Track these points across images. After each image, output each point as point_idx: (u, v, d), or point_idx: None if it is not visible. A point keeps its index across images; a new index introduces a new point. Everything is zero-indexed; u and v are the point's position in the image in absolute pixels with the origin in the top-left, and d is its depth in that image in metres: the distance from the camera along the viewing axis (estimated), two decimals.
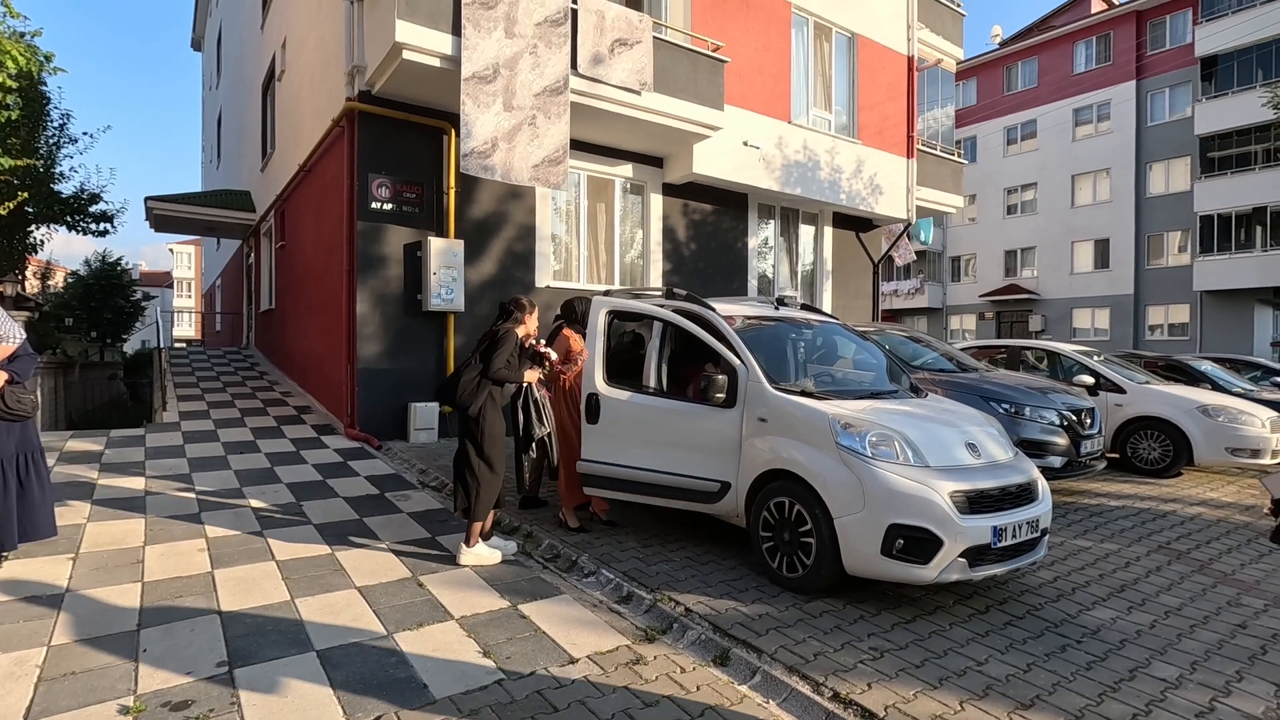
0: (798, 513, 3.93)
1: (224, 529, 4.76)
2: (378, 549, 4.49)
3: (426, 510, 5.39)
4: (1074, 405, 6.37)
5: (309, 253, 10.08)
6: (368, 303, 7.75)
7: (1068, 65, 29.09)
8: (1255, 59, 23.51)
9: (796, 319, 5.29)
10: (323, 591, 3.76)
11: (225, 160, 19.39)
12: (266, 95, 13.37)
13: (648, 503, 4.75)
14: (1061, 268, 29.26)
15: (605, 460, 4.64)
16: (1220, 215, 24.38)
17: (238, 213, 14.65)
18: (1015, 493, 3.88)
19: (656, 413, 4.58)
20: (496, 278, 8.59)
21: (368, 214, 7.73)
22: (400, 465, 6.83)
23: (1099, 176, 28.23)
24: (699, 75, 8.91)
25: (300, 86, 10.46)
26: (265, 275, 13.92)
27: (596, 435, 4.68)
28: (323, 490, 5.85)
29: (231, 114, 18.07)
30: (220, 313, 22.48)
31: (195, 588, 3.77)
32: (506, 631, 3.36)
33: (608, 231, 9.77)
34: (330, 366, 8.68)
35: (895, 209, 12.19)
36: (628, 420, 4.61)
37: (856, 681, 2.98)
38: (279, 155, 12.16)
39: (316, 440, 7.76)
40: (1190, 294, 25.32)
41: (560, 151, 7.66)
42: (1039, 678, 3.09)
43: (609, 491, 4.76)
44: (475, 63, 7.10)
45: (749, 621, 3.53)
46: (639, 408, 4.61)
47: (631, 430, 4.59)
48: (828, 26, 11.26)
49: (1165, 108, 26.64)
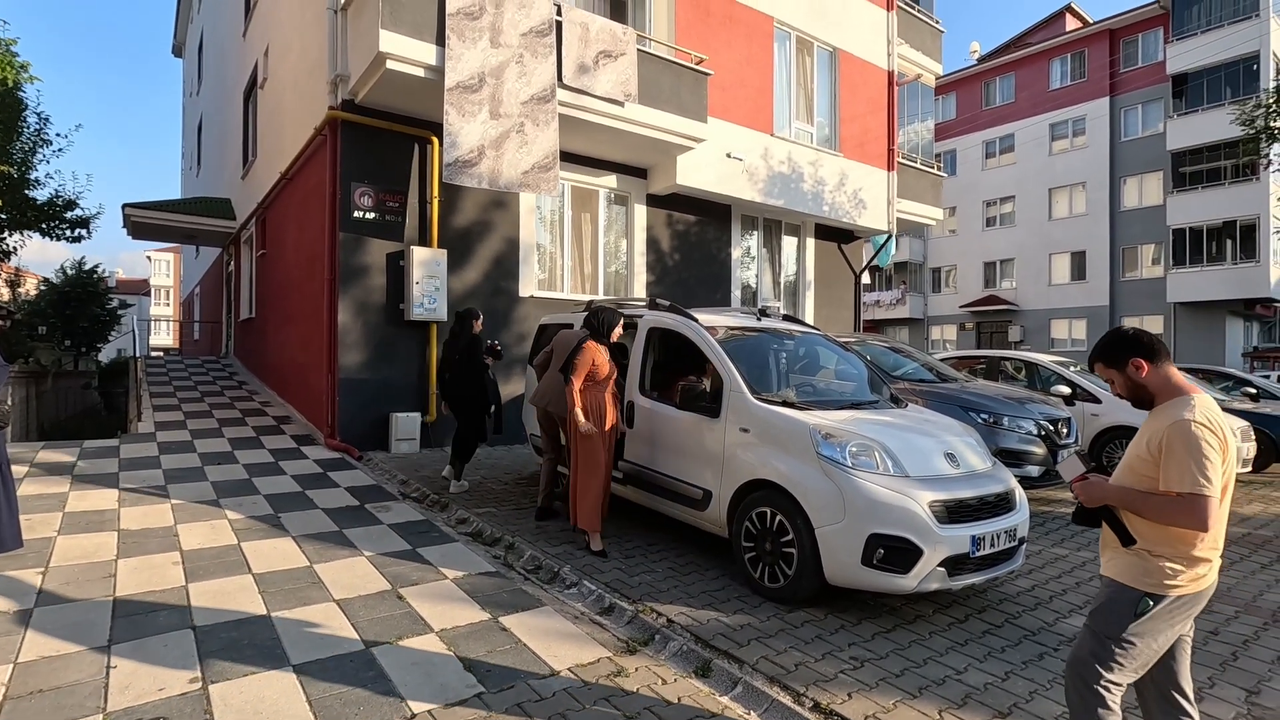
0: (779, 523, 3.95)
1: (199, 541, 4.68)
2: (358, 560, 4.44)
3: (407, 522, 5.34)
4: (1051, 415, 6.47)
5: (290, 261, 10.00)
6: (349, 312, 7.70)
7: (1044, 81, 29.71)
8: (1224, 77, 24.19)
9: (778, 330, 5.34)
10: (300, 605, 3.71)
11: (206, 167, 19.20)
12: (248, 103, 13.28)
13: (652, 505, 4.98)
14: (1039, 279, 29.76)
15: (631, 460, 5.07)
16: (1192, 229, 24.98)
17: (218, 220, 14.49)
18: (993, 502, 3.93)
19: (662, 419, 4.85)
20: (480, 287, 8.57)
21: (350, 223, 7.69)
22: (381, 476, 6.77)
23: (1075, 190, 28.81)
24: (683, 88, 8.99)
25: (282, 94, 10.41)
26: (245, 284, 13.76)
27: (632, 438, 5.07)
28: (302, 501, 5.78)
29: (212, 121, 17.91)
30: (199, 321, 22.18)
31: (169, 601, 3.70)
32: (487, 644, 3.33)
33: (592, 242, 9.79)
34: (311, 376, 8.59)
35: (877, 221, 12.34)
36: (643, 423, 4.99)
37: (837, 691, 2.99)
38: (260, 163, 12.07)
39: (296, 451, 7.67)
40: (1164, 305, 25.85)
41: (550, 158, 7.69)
42: (1017, 686, 3.12)
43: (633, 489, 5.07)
44: (460, 72, 7.11)
45: (730, 632, 3.53)
46: (647, 412, 4.97)
47: (646, 433, 4.96)
48: (810, 41, 11.42)
49: (1138, 123, 27.29)
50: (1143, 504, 2.09)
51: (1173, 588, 2.07)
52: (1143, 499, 2.09)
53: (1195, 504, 1.98)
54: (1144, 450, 2.11)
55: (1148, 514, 2.08)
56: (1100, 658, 2.13)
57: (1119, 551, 2.17)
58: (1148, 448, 2.10)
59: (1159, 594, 2.08)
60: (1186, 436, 2.00)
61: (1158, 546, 2.10)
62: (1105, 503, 2.18)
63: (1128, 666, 2.11)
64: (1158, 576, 2.09)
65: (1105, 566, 2.25)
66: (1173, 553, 2.07)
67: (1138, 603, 2.09)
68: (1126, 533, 2.13)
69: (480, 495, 6.06)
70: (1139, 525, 2.12)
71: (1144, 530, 2.12)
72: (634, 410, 5.01)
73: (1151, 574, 2.09)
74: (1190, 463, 1.99)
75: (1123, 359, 2.20)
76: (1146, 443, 2.11)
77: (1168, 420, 2.07)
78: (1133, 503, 2.11)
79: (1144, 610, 2.08)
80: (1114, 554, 2.20)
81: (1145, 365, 2.17)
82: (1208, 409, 2.07)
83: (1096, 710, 2.12)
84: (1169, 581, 2.07)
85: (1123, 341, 2.23)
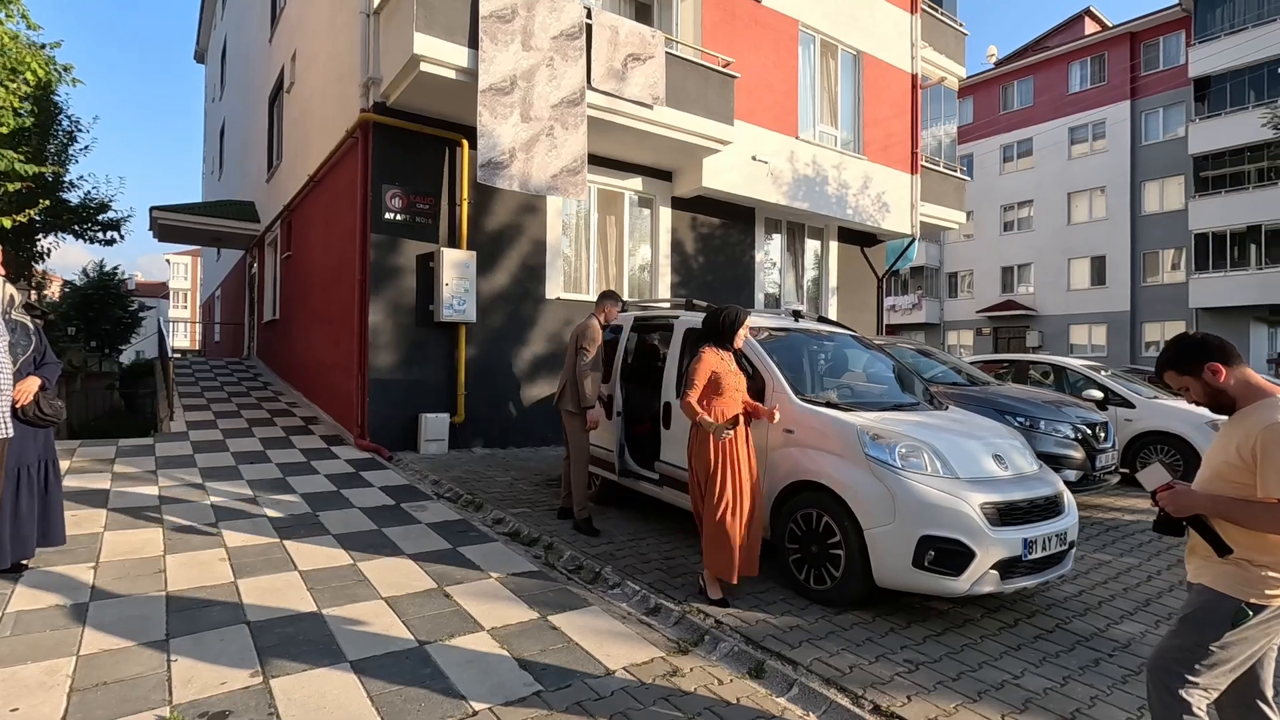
0: (825, 524, 3.92)
1: (243, 538, 4.71)
2: (401, 559, 4.45)
3: (444, 521, 5.35)
4: (1088, 419, 6.40)
5: (317, 263, 10.08)
6: (380, 313, 7.74)
7: (1063, 85, 29.50)
8: (1248, 81, 23.88)
9: (814, 331, 5.32)
10: (349, 602, 3.72)
11: (228, 171, 19.42)
12: (274, 107, 13.42)
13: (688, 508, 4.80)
14: (1058, 284, 29.49)
15: (670, 462, 4.94)
16: (1215, 233, 24.65)
17: (242, 223, 14.65)
18: (1044, 505, 3.89)
19: None
20: (508, 289, 8.60)
21: (381, 225, 7.75)
22: (413, 476, 6.79)
23: (1094, 194, 28.55)
24: (710, 90, 8.99)
25: (310, 98, 10.51)
26: (269, 286, 13.89)
27: (670, 440, 4.96)
28: (338, 500, 5.81)
29: (235, 126, 18.12)
30: (220, 323, 22.40)
31: (220, 597, 3.73)
32: (539, 643, 3.33)
33: (617, 244, 9.81)
34: (339, 377, 8.65)
35: (900, 224, 12.29)
36: (680, 426, 4.77)
37: (895, 694, 2.97)
38: (286, 166, 12.18)
39: (326, 451, 7.71)
40: (1186, 311, 25.52)
41: (578, 162, 7.71)
42: (1077, 691, 3.08)
43: (671, 491, 4.94)
44: (492, 75, 7.16)
45: (780, 634, 3.51)
46: None
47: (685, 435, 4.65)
48: (834, 44, 11.40)
49: (1159, 127, 27.02)
50: (1240, 512, 2.01)
51: (1275, 597, 2.01)
52: (1240, 507, 2.02)
53: None
54: (1234, 457, 2.04)
55: (1246, 522, 2.01)
56: (1188, 664, 2.07)
57: (1212, 561, 2.11)
58: (1239, 454, 2.02)
59: (1261, 604, 2.01)
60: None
61: (1259, 556, 2.03)
62: (1195, 512, 2.10)
63: (1218, 674, 2.06)
64: (1260, 586, 2.01)
65: (1195, 574, 2.18)
66: (1276, 561, 2.00)
67: (1236, 611, 2.03)
68: (1222, 542, 2.06)
69: (513, 497, 6.07)
70: (1233, 534, 2.06)
71: (1239, 538, 2.05)
72: (670, 412, 5.00)
73: (1253, 584, 2.02)
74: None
75: (1198, 365, 2.15)
76: (1237, 448, 2.03)
77: (1259, 424, 2.00)
78: (1228, 511, 2.04)
79: (1242, 620, 2.02)
80: (1205, 563, 2.14)
81: (1223, 370, 2.11)
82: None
83: (1183, 717, 2.07)
84: (1271, 591, 2.01)
85: (1195, 348, 2.17)
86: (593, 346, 5.09)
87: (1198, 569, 2.17)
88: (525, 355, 8.76)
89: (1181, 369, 2.20)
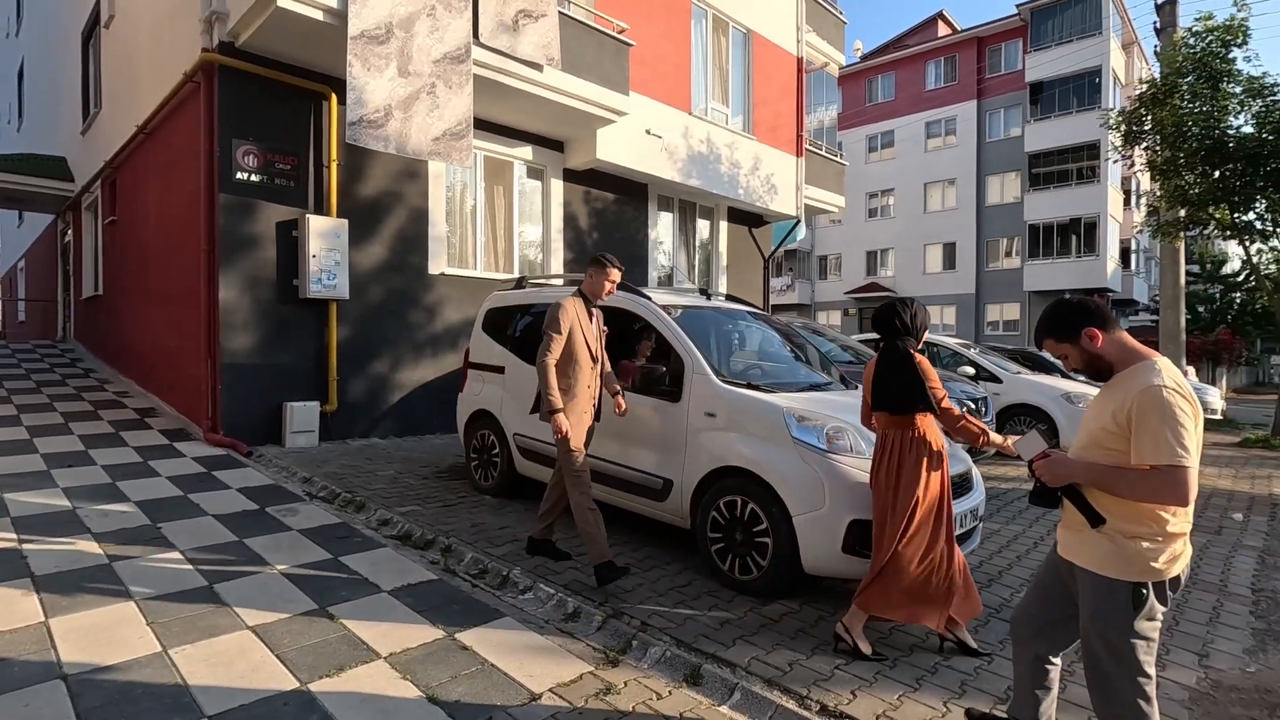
0: (751, 512, 3.74)
1: (57, 566, 3.82)
2: (269, 575, 3.79)
3: (321, 526, 4.68)
4: (970, 394, 6.74)
5: (153, 230, 8.66)
6: (234, 288, 6.73)
7: (921, 82, 31.63)
8: (1073, 88, 26.76)
9: (725, 309, 5.14)
10: (205, 637, 3.07)
11: (30, 120, 16.45)
12: (88, 45, 11.41)
13: (610, 499, 4.47)
14: (915, 268, 31.85)
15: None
16: (1044, 224, 27.58)
17: (51, 181, 12.44)
18: (958, 482, 3.92)
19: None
20: (386, 263, 7.79)
21: (232, 185, 6.70)
22: (279, 474, 5.97)
23: (946, 186, 30.99)
24: (605, 57, 8.57)
25: (136, 35, 8.95)
26: (89, 256, 11.90)
27: None
28: (185, 507, 4.94)
29: (37, 66, 15.33)
30: (25, 300, 19.13)
31: (25, 644, 2.95)
32: (449, 668, 2.89)
33: (506, 216, 9.20)
34: (184, 362, 7.48)
35: (786, 206, 12.52)
36: None
37: (839, 690, 2.83)
38: (107, 115, 10.40)
39: (169, 448, 6.63)
40: (1021, 294, 28.43)
41: (463, 125, 7.05)
42: (1005, 668, 3.08)
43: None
44: (365, 19, 6.33)
45: (711, 632, 3.29)
46: None
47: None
48: (725, 20, 11.30)
49: (1001, 126, 29.70)
50: (1115, 480, 1.93)
51: (1158, 571, 1.94)
52: (1115, 474, 1.93)
53: (1174, 476, 1.82)
54: (1109, 422, 1.95)
55: (1120, 491, 1.93)
56: (1124, 663, 1.99)
57: (1086, 535, 2.02)
58: (1114, 419, 1.93)
59: (1147, 580, 1.95)
60: (1159, 404, 1.85)
61: (1129, 526, 1.95)
62: (1071, 481, 2.01)
63: (1150, 655, 1.99)
64: (1139, 562, 1.94)
65: (1070, 551, 2.10)
66: (1147, 532, 1.94)
67: (1132, 595, 1.95)
68: (1094, 512, 1.99)
69: (399, 494, 5.46)
70: (1106, 503, 1.98)
71: (1111, 508, 1.97)
72: None
73: (1132, 560, 1.95)
74: (1166, 432, 1.83)
75: (1075, 331, 2.06)
76: (1113, 414, 1.94)
77: (1134, 388, 1.91)
78: (1103, 479, 1.95)
79: (1142, 600, 1.95)
80: (1080, 538, 2.06)
81: (1099, 334, 2.04)
82: (1173, 373, 1.93)
83: (1142, 708, 2.01)
84: (1154, 564, 1.94)
85: (1073, 313, 2.08)
86: (557, 333, 3.77)
87: (1075, 546, 2.08)
88: (406, 336, 8.00)
89: (1060, 336, 2.11)
